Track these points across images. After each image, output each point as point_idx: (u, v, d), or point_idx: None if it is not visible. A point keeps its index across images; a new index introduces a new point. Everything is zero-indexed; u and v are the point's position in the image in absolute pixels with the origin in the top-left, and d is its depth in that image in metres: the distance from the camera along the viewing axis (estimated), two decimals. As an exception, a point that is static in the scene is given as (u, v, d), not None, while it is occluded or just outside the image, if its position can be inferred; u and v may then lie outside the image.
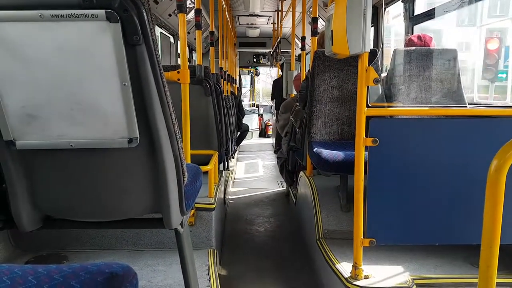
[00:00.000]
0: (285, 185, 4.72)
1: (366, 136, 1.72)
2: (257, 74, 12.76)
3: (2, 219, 1.26)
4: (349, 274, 1.83)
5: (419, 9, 3.53)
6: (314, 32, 3.18)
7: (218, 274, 2.25)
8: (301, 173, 3.22)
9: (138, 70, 1.03)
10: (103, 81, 1.03)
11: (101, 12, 0.95)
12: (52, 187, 1.22)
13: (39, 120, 1.07)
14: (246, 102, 11.93)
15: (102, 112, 1.06)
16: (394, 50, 2.67)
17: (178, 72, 2.12)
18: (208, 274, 2.02)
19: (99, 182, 1.21)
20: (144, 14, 0.99)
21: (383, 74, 2.77)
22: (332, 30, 1.70)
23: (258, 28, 9.21)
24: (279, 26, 7.51)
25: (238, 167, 6.67)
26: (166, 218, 1.26)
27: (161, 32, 5.63)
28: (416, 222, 1.80)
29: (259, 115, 11.28)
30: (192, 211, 2.29)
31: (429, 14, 3.36)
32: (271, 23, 8.64)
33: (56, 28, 0.96)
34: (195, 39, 2.80)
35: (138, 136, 1.10)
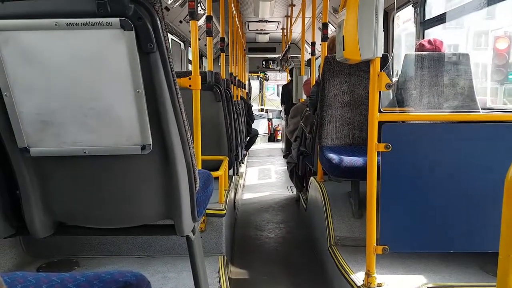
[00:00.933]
0: (295, 190, 4.70)
1: (379, 141, 1.70)
2: (266, 79, 12.77)
3: (15, 226, 1.26)
4: (362, 282, 1.80)
5: (429, 14, 3.50)
6: (324, 38, 3.17)
7: (229, 278, 2.23)
8: (312, 178, 3.19)
9: (151, 78, 1.03)
10: (117, 89, 1.03)
11: (116, 20, 0.95)
12: (65, 194, 1.23)
13: (53, 127, 1.08)
14: (255, 107, 11.93)
15: (115, 119, 1.07)
16: (405, 55, 2.64)
17: (190, 79, 2.13)
18: (219, 282, 2.00)
19: (112, 189, 1.22)
20: (158, 22, 0.99)
21: (394, 79, 2.74)
22: (343, 36, 1.69)
23: (268, 33, 9.24)
24: (288, 31, 7.51)
25: (247, 172, 6.65)
26: (178, 225, 1.26)
27: (171, 39, 5.68)
28: (431, 229, 1.77)
29: (268, 119, 11.28)
30: (203, 217, 2.29)
31: (440, 19, 3.33)
32: (281, 29, 8.66)
33: (71, 36, 0.97)
34: (205, 45, 2.82)
35: (151, 143, 1.10)
